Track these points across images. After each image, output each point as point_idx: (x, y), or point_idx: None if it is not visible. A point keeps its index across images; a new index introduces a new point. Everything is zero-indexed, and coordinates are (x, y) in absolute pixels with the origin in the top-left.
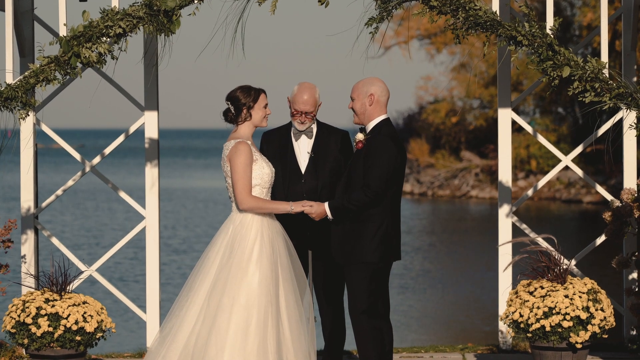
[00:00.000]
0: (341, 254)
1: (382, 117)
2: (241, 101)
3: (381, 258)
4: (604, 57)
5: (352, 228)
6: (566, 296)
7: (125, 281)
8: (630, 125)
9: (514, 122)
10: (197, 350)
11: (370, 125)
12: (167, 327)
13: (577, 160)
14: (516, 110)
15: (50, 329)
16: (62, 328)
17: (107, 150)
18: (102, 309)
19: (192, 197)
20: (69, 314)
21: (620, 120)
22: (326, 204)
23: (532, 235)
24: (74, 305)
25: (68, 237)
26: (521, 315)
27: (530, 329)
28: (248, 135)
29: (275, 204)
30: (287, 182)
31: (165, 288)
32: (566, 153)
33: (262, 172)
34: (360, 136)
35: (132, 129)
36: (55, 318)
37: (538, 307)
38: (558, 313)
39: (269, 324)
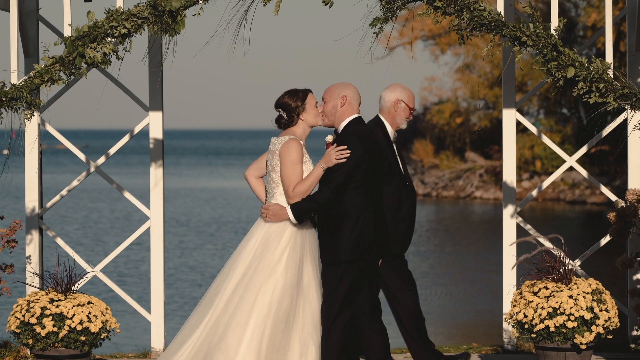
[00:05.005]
0: (321, 254)
1: (353, 116)
2: (291, 105)
3: (359, 256)
4: (609, 57)
5: (330, 227)
6: (570, 297)
7: (129, 281)
8: (635, 125)
9: (518, 123)
10: (215, 340)
11: (340, 127)
12: (199, 316)
13: (581, 161)
14: (520, 111)
15: (55, 329)
16: (66, 328)
17: (112, 151)
18: (106, 309)
19: (197, 197)
20: (74, 314)
21: (625, 121)
22: (287, 206)
23: (539, 236)
24: (78, 305)
25: (73, 238)
26: (525, 316)
27: (535, 330)
28: (302, 135)
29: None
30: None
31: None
32: (570, 154)
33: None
34: (329, 138)
35: (136, 130)
36: (59, 318)
37: (542, 308)
38: (562, 313)
39: (285, 328)
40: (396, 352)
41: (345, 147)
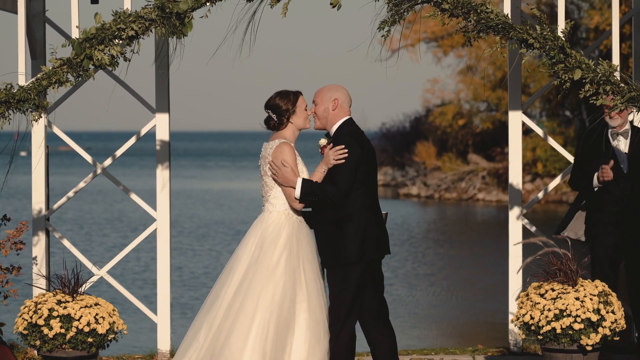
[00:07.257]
0: (324, 257)
1: (344, 118)
2: (282, 108)
3: (365, 257)
4: (615, 60)
5: (332, 230)
6: (577, 298)
7: (136, 283)
8: None
9: (522, 125)
10: (218, 346)
11: (333, 129)
12: (200, 324)
13: None
14: (524, 113)
15: (62, 331)
16: (74, 329)
17: (118, 153)
18: (114, 310)
19: (202, 199)
20: (81, 316)
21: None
22: (300, 177)
23: (544, 238)
24: (86, 306)
25: (79, 239)
26: (532, 318)
27: (541, 331)
28: (292, 138)
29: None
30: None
31: (175, 289)
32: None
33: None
34: (323, 141)
35: (143, 131)
36: (67, 319)
37: (549, 310)
38: (569, 315)
39: (287, 332)
40: (402, 353)
41: (343, 146)
